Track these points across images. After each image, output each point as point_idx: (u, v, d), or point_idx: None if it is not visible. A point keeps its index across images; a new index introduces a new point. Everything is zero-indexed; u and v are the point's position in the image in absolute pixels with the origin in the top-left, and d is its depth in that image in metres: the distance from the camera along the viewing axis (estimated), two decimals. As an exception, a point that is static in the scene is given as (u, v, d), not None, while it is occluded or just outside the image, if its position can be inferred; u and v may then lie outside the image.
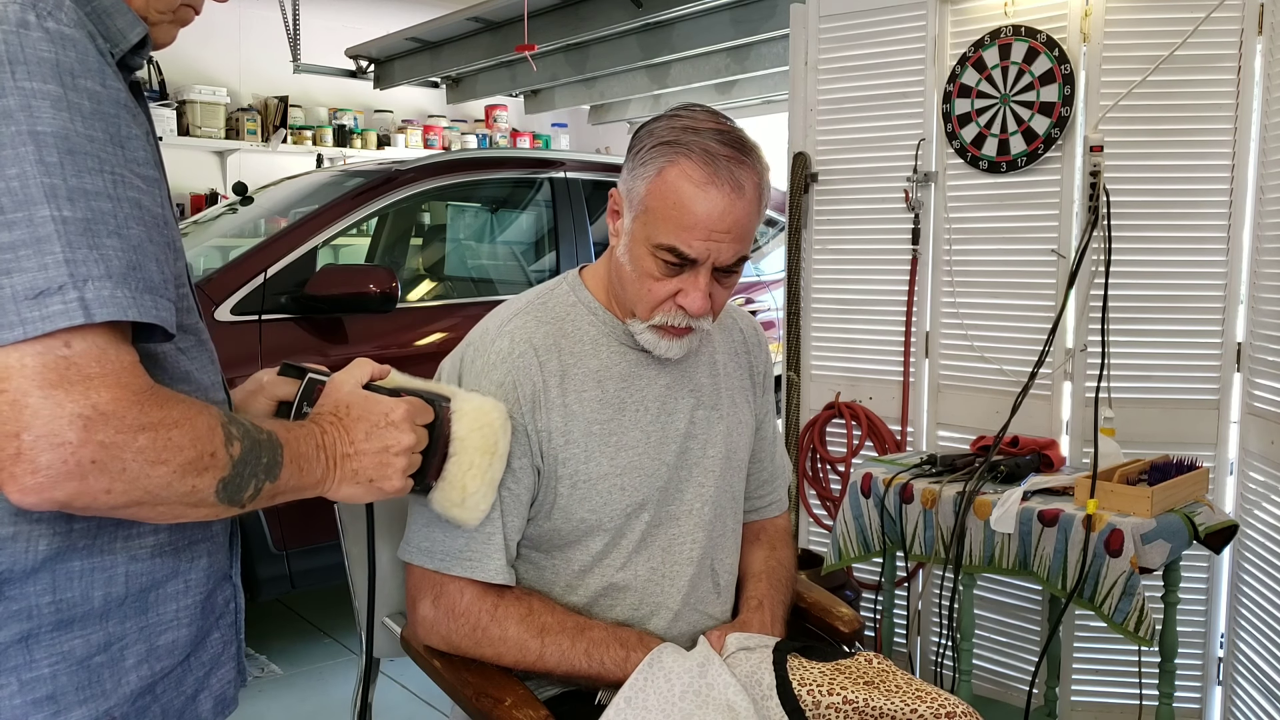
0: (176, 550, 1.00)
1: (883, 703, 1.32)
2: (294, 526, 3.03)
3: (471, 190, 4.00)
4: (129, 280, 0.83)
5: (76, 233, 0.81)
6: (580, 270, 1.48)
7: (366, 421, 1.06)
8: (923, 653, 2.86)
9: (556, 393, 1.36)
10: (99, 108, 0.85)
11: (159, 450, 0.83)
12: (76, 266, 0.80)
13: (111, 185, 0.84)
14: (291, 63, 6.24)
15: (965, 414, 2.77)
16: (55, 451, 0.78)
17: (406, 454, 1.08)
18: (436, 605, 1.34)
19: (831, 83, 2.96)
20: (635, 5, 4.63)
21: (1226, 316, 2.49)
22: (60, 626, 0.91)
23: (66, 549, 0.91)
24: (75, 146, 0.83)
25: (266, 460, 0.93)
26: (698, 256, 1.29)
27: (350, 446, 1.04)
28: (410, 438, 1.08)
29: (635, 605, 1.41)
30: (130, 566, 0.95)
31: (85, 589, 0.92)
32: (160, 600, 0.99)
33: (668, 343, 1.37)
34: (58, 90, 0.83)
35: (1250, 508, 2.42)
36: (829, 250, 3.01)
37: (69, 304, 0.79)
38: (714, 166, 1.27)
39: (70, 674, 0.92)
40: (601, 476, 1.37)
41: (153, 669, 0.98)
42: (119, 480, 0.82)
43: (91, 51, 0.86)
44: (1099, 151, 2.44)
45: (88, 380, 0.79)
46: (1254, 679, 2.39)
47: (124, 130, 0.87)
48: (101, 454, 0.80)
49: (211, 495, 0.89)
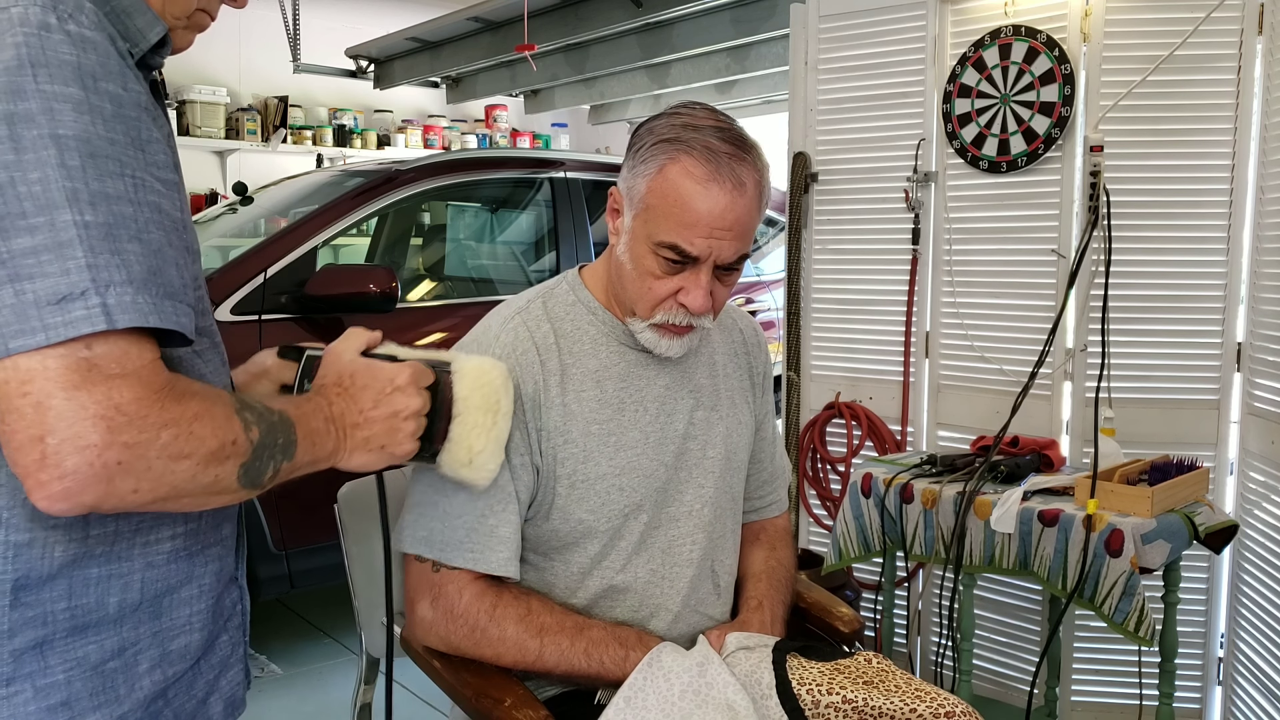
0: (191, 555, 1.00)
1: (882, 702, 1.32)
2: (294, 526, 3.03)
3: (471, 190, 4.00)
4: (150, 286, 0.82)
5: (98, 237, 0.80)
6: (580, 269, 1.48)
7: (372, 389, 1.06)
8: (923, 653, 2.86)
9: (556, 392, 1.36)
10: (120, 110, 0.85)
11: (182, 445, 0.83)
12: (99, 272, 0.79)
13: (133, 189, 0.84)
14: (291, 63, 6.24)
15: (965, 414, 2.77)
16: (81, 455, 0.78)
17: (415, 418, 1.08)
18: (435, 606, 1.34)
19: (831, 83, 2.96)
20: (635, 5, 4.63)
21: (1226, 316, 2.49)
22: (75, 632, 0.91)
23: (84, 555, 0.90)
24: (97, 150, 0.82)
25: (282, 440, 0.94)
26: (699, 254, 1.29)
27: (359, 415, 1.04)
28: (417, 401, 1.08)
29: (635, 607, 1.41)
30: (147, 573, 0.95)
31: (101, 595, 0.92)
32: (174, 605, 0.99)
33: (668, 341, 1.37)
34: (79, 93, 0.82)
35: (1250, 508, 2.42)
36: (829, 250, 3.01)
37: (91, 310, 0.79)
38: (715, 163, 1.27)
39: (84, 680, 0.92)
40: (600, 477, 1.37)
41: (165, 674, 0.98)
42: (145, 479, 0.81)
43: (113, 54, 0.86)
44: (1099, 151, 2.44)
45: (110, 381, 0.79)
46: (1254, 679, 2.39)
47: (144, 133, 0.87)
48: (127, 455, 0.79)
49: (234, 482, 0.89)
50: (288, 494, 3.53)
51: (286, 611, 3.61)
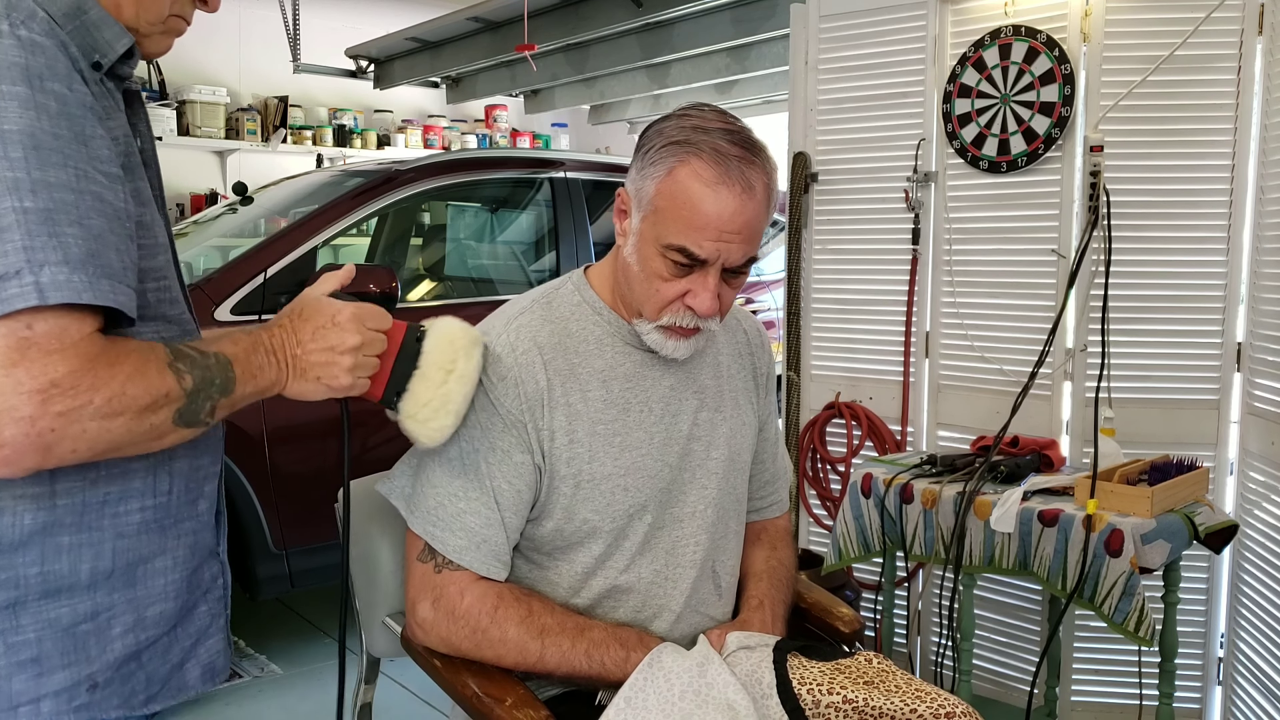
0: (163, 528, 1.07)
1: (882, 702, 1.32)
2: (294, 526, 3.03)
3: (471, 190, 4.00)
4: (86, 266, 0.88)
5: (36, 222, 0.87)
6: (585, 270, 1.48)
7: (313, 322, 1.12)
8: (923, 653, 2.86)
9: (560, 392, 1.35)
10: (65, 109, 0.91)
11: (115, 405, 0.90)
12: (34, 253, 0.86)
13: (75, 179, 0.90)
14: (291, 63, 6.24)
15: (965, 414, 2.77)
16: (16, 426, 0.85)
17: (352, 353, 1.12)
18: (436, 607, 1.34)
19: (831, 83, 2.96)
20: (635, 5, 4.63)
21: (1226, 316, 2.49)
22: (48, 595, 0.98)
23: (53, 524, 0.98)
24: (41, 143, 0.89)
25: (219, 381, 1.00)
26: (708, 257, 1.29)
27: (298, 346, 1.10)
28: (355, 338, 1.13)
29: (638, 608, 1.41)
30: (117, 542, 1.02)
31: (73, 562, 0.99)
32: (149, 575, 1.06)
33: (674, 343, 1.37)
34: (25, 91, 0.89)
35: (1250, 508, 2.42)
36: (829, 250, 3.01)
37: (25, 288, 0.85)
38: (725, 166, 1.27)
39: (55, 640, 0.99)
40: (605, 477, 1.37)
41: (138, 639, 1.05)
42: (81, 441, 0.89)
43: (61, 59, 0.93)
44: (1099, 151, 2.44)
45: (47, 356, 0.86)
46: (1254, 679, 2.39)
47: (89, 130, 0.93)
48: (59, 423, 0.86)
49: (169, 426, 0.96)
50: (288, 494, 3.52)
51: (287, 611, 3.61)
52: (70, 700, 1.00)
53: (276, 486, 2.98)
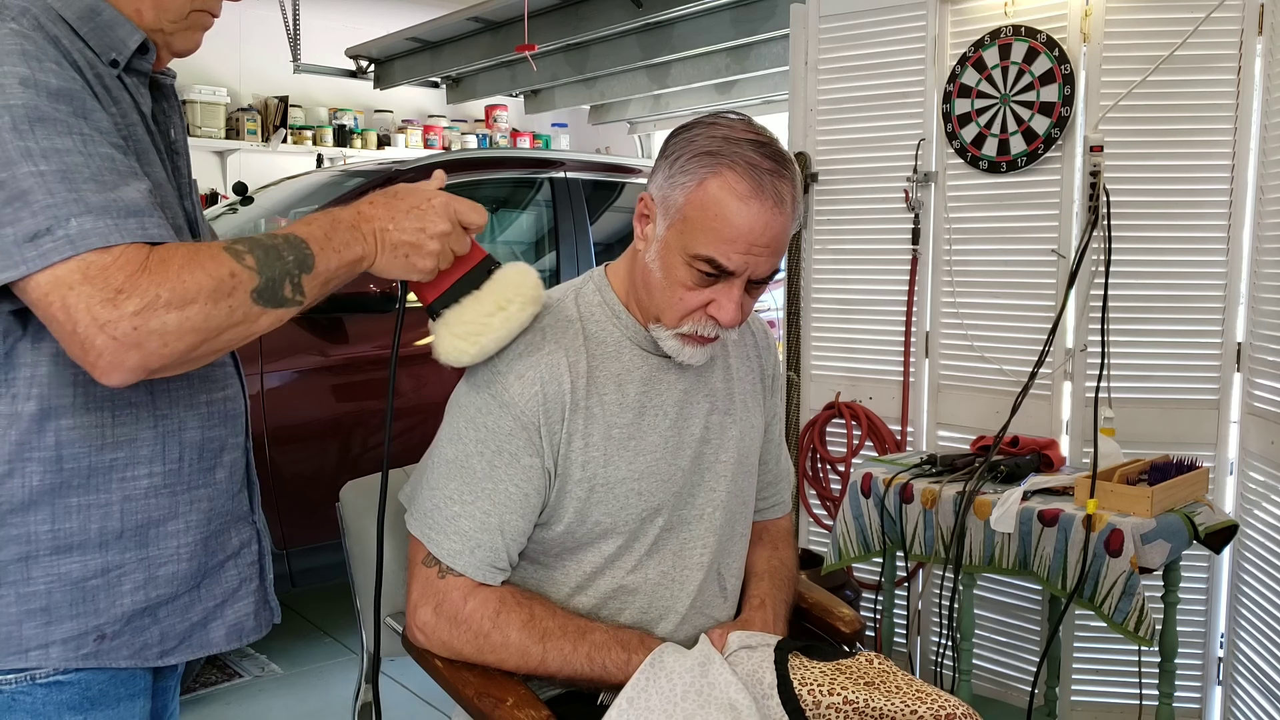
0: (174, 493, 1.12)
1: (883, 703, 1.32)
2: (295, 525, 3.03)
3: (471, 190, 3.99)
4: (109, 211, 0.94)
5: (55, 180, 0.93)
6: (605, 269, 1.46)
7: (408, 201, 1.17)
8: (923, 653, 2.86)
9: (581, 394, 1.35)
10: (62, 86, 0.97)
11: (180, 295, 0.94)
12: (59, 209, 0.93)
13: (81, 144, 0.96)
14: (291, 63, 6.23)
15: (965, 414, 2.77)
16: (101, 333, 0.92)
17: (440, 239, 1.17)
18: (438, 612, 1.34)
19: (831, 83, 2.96)
20: (635, 5, 4.63)
21: (1226, 316, 2.49)
22: (59, 551, 1.05)
23: (61, 485, 1.04)
24: (44, 115, 0.95)
25: (293, 258, 1.03)
26: (736, 269, 1.29)
27: (390, 222, 1.14)
28: (445, 225, 1.17)
29: (644, 609, 1.41)
30: (125, 505, 1.08)
31: (83, 522, 1.05)
32: (160, 536, 1.11)
33: (691, 350, 1.36)
34: (25, 71, 0.95)
35: (1250, 508, 2.42)
36: (829, 250, 3.01)
37: (58, 241, 0.92)
38: (758, 180, 1.26)
39: (65, 592, 1.05)
40: (620, 481, 1.36)
41: (149, 595, 1.10)
42: (168, 335, 0.94)
43: (50, 49, 0.99)
44: (1099, 151, 2.44)
45: (105, 272, 0.92)
46: (1254, 679, 2.40)
47: (88, 104, 0.99)
48: (139, 320, 0.92)
49: (252, 306, 0.99)
50: (289, 494, 3.52)
51: (286, 611, 3.61)
52: (78, 648, 1.06)
53: (277, 487, 2.98)
